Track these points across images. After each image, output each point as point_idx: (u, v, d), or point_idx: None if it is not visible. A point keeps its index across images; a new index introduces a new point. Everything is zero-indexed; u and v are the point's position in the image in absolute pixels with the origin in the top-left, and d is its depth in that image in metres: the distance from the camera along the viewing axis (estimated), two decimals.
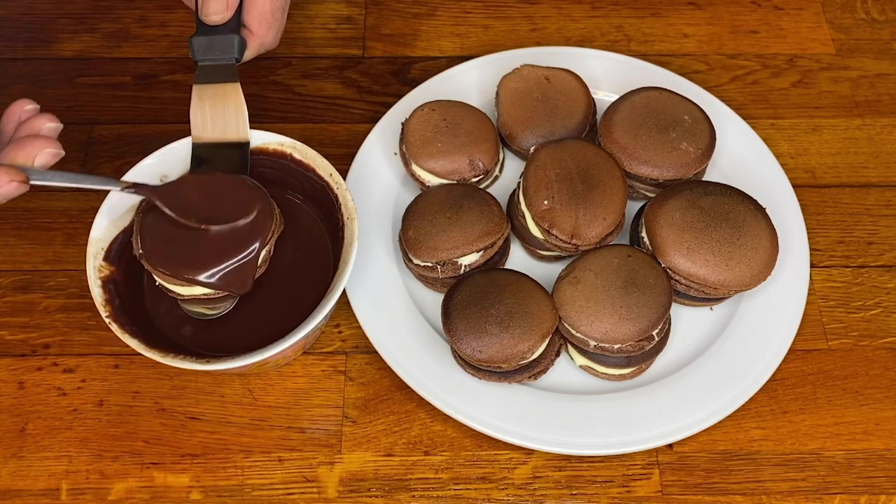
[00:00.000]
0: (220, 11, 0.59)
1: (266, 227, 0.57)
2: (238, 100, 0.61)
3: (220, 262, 0.56)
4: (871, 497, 0.60)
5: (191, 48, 0.61)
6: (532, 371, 0.61)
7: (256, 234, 0.56)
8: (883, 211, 0.72)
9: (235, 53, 0.60)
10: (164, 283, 0.57)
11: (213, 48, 0.60)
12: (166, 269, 0.55)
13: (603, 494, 0.60)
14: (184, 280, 0.55)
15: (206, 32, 0.60)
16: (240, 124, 0.61)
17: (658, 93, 0.69)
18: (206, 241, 0.56)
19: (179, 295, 0.57)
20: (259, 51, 0.62)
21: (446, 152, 0.66)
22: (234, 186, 0.58)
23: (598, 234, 0.63)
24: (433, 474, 0.60)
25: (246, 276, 0.56)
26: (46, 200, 0.71)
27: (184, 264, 0.55)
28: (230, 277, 0.56)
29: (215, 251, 0.56)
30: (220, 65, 0.61)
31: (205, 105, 0.61)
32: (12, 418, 0.62)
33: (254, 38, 0.61)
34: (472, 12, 0.83)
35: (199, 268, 0.55)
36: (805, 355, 0.65)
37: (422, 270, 0.64)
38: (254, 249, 0.56)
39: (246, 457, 0.61)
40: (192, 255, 0.56)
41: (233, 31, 0.60)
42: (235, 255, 0.56)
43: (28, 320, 0.66)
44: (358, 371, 0.64)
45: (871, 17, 0.83)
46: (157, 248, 0.56)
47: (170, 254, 0.56)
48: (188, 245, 0.56)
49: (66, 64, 0.78)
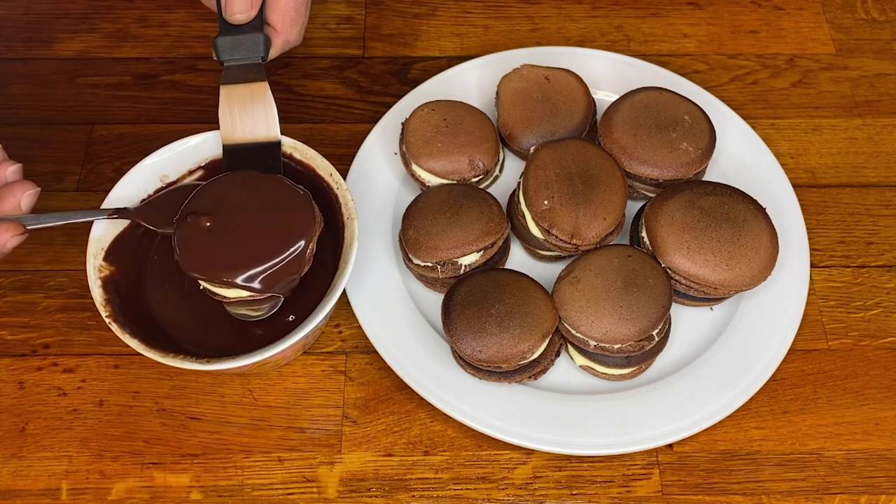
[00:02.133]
0: (245, 10, 0.59)
1: (310, 226, 0.56)
2: (267, 99, 0.60)
3: (260, 264, 0.55)
4: (871, 497, 0.60)
5: (215, 49, 0.60)
6: (532, 371, 0.61)
7: (301, 233, 0.56)
8: (883, 211, 0.72)
9: (261, 52, 0.60)
10: (208, 287, 0.56)
11: (239, 48, 0.60)
12: (203, 273, 0.55)
13: (603, 494, 0.60)
14: (222, 283, 0.55)
15: (230, 32, 0.60)
16: (269, 123, 0.61)
17: (658, 93, 0.69)
18: (247, 243, 0.55)
19: (225, 298, 0.56)
20: (284, 48, 0.62)
21: (446, 152, 0.66)
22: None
23: (598, 234, 0.63)
24: (433, 474, 0.60)
25: (291, 276, 0.56)
26: (46, 201, 0.70)
27: (222, 267, 0.55)
28: (272, 279, 0.55)
29: (257, 253, 0.55)
30: (246, 64, 0.60)
31: (233, 105, 0.60)
32: (12, 418, 0.62)
33: (278, 36, 0.61)
34: (472, 12, 0.83)
35: (237, 270, 0.55)
36: (805, 355, 0.65)
37: (422, 270, 0.64)
38: (299, 248, 0.55)
39: (246, 457, 0.61)
40: (232, 257, 0.55)
41: (257, 29, 0.60)
42: (277, 256, 0.55)
43: (28, 320, 0.66)
44: (358, 371, 0.64)
45: (871, 17, 0.83)
46: (193, 253, 0.55)
47: (208, 257, 0.55)
48: (229, 248, 0.55)
49: (66, 64, 0.78)
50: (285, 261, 0.55)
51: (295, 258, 0.56)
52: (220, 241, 0.55)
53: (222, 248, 0.55)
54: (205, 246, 0.55)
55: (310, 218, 0.56)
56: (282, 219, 0.56)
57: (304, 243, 0.56)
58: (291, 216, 0.56)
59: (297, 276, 0.56)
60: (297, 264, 0.56)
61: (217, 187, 0.58)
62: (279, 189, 0.57)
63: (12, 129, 0.74)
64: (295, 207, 0.56)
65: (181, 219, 0.56)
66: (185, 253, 0.55)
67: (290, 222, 0.56)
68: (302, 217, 0.56)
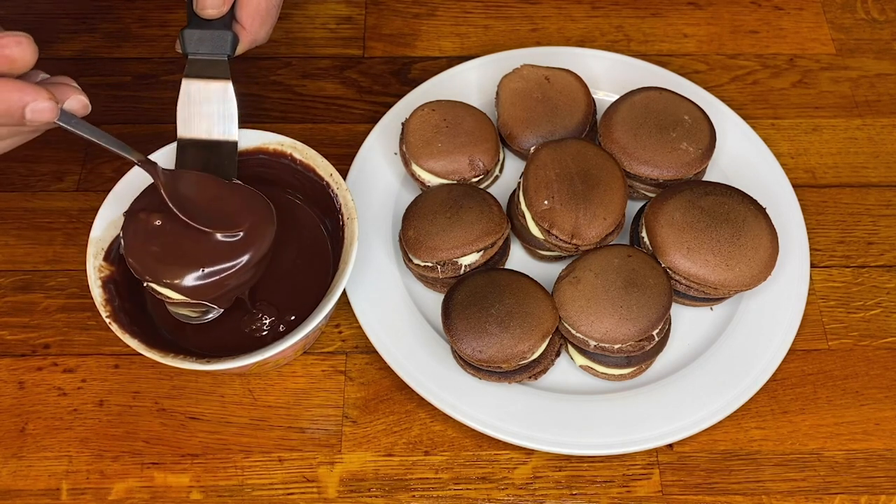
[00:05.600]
0: (217, 6, 0.58)
1: (261, 238, 0.55)
2: (228, 98, 0.59)
3: (200, 270, 0.53)
4: (871, 497, 0.60)
5: (181, 40, 0.59)
6: (532, 371, 0.61)
7: (249, 244, 0.54)
8: (883, 211, 0.72)
9: (228, 50, 0.59)
10: (151, 285, 0.55)
11: (206, 42, 0.59)
12: (144, 270, 0.54)
13: (603, 494, 0.60)
14: (162, 283, 0.54)
15: (198, 26, 0.59)
16: (227, 123, 0.59)
17: (658, 93, 0.69)
18: (192, 248, 0.54)
19: (167, 298, 0.55)
20: (250, 46, 0.61)
21: (446, 152, 0.66)
22: (228, 190, 0.56)
23: (598, 234, 0.63)
24: (433, 474, 0.60)
25: (233, 286, 0.55)
26: (46, 200, 0.71)
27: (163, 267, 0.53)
28: (206, 289, 0.54)
29: (198, 258, 0.54)
30: (211, 60, 0.59)
31: (192, 101, 0.59)
32: (12, 418, 0.62)
33: (246, 34, 0.60)
34: (472, 12, 0.83)
35: (178, 273, 0.53)
36: (805, 355, 0.65)
37: (422, 270, 0.64)
38: (242, 261, 0.54)
39: (246, 457, 0.61)
40: (175, 259, 0.54)
41: (226, 25, 0.59)
42: (220, 264, 0.54)
43: (28, 320, 0.66)
44: (358, 371, 0.64)
45: (871, 17, 0.83)
46: (137, 247, 0.54)
47: (150, 255, 0.54)
48: (173, 249, 0.54)
49: (66, 64, 0.78)
50: (228, 271, 0.54)
51: (238, 270, 0.54)
52: (167, 241, 0.54)
53: (167, 249, 0.54)
54: (151, 244, 0.54)
55: (263, 230, 0.55)
56: (234, 227, 0.55)
57: (249, 257, 0.54)
58: (245, 226, 0.55)
59: (243, 288, 0.55)
60: (239, 275, 0.54)
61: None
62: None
63: None
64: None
65: (132, 213, 0.55)
66: (131, 248, 0.54)
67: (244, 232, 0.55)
68: (255, 228, 0.55)
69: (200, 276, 0.54)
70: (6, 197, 0.71)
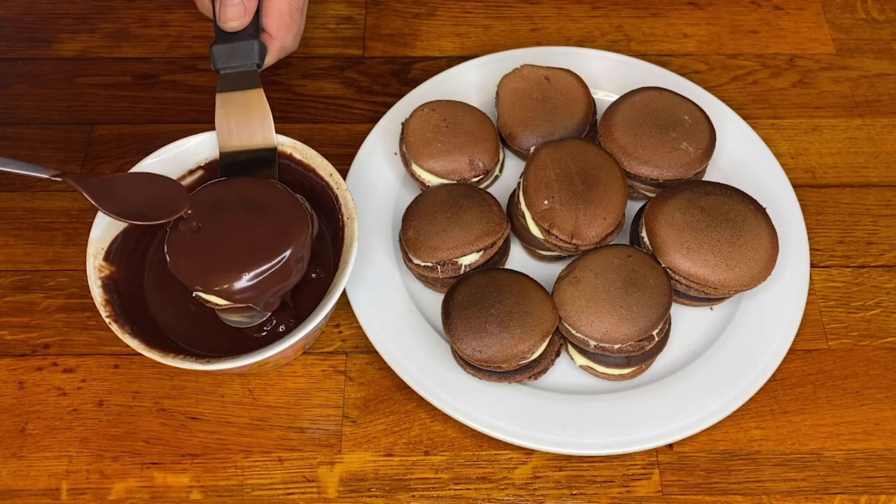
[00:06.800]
0: (238, 17, 0.59)
1: (300, 233, 0.56)
2: (262, 106, 0.60)
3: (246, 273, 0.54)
4: (871, 497, 0.60)
5: (211, 57, 0.61)
6: (532, 371, 0.61)
7: (289, 241, 0.55)
8: (883, 211, 0.72)
9: (256, 59, 0.60)
10: (200, 294, 0.56)
11: (234, 55, 0.60)
12: (193, 281, 0.54)
13: (603, 494, 0.60)
14: (212, 291, 0.54)
15: (225, 40, 0.60)
16: (265, 130, 0.61)
17: (658, 93, 0.69)
18: (234, 252, 0.55)
19: (216, 305, 0.56)
20: (280, 54, 0.62)
21: (446, 152, 0.66)
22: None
23: (598, 234, 0.63)
24: (433, 474, 0.60)
25: (278, 286, 0.55)
26: (46, 200, 0.71)
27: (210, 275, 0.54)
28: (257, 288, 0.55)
29: (243, 261, 0.55)
30: (242, 72, 0.60)
31: (229, 113, 0.60)
32: (12, 418, 0.62)
33: (274, 42, 0.61)
34: (472, 12, 0.83)
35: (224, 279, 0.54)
36: (805, 355, 0.65)
37: (422, 270, 0.64)
38: (284, 257, 0.55)
39: (246, 457, 0.61)
40: (220, 266, 0.55)
41: (252, 36, 0.60)
42: (263, 265, 0.54)
43: (28, 320, 0.66)
44: (358, 371, 0.64)
45: (871, 17, 0.83)
46: (184, 261, 0.55)
47: (197, 265, 0.55)
48: (217, 257, 0.55)
49: (66, 64, 0.78)
50: (271, 270, 0.55)
51: (281, 267, 0.55)
52: (210, 249, 0.55)
53: (211, 257, 0.55)
54: (194, 254, 0.55)
55: (300, 225, 0.56)
56: (271, 226, 0.56)
57: (290, 252, 0.55)
58: (281, 223, 0.56)
59: (287, 286, 0.56)
60: (283, 273, 0.55)
61: (210, 194, 0.57)
62: (272, 195, 0.57)
63: (12, 129, 0.74)
64: (286, 214, 0.56)
65: (173, 225, 0.56)
66: (177, 260, 0.55)
67: (280, 229, 0.56)
68: (292, 224, 0.56)
69: (246, 279, 0.54)
70: (6, 197, 0.71)
